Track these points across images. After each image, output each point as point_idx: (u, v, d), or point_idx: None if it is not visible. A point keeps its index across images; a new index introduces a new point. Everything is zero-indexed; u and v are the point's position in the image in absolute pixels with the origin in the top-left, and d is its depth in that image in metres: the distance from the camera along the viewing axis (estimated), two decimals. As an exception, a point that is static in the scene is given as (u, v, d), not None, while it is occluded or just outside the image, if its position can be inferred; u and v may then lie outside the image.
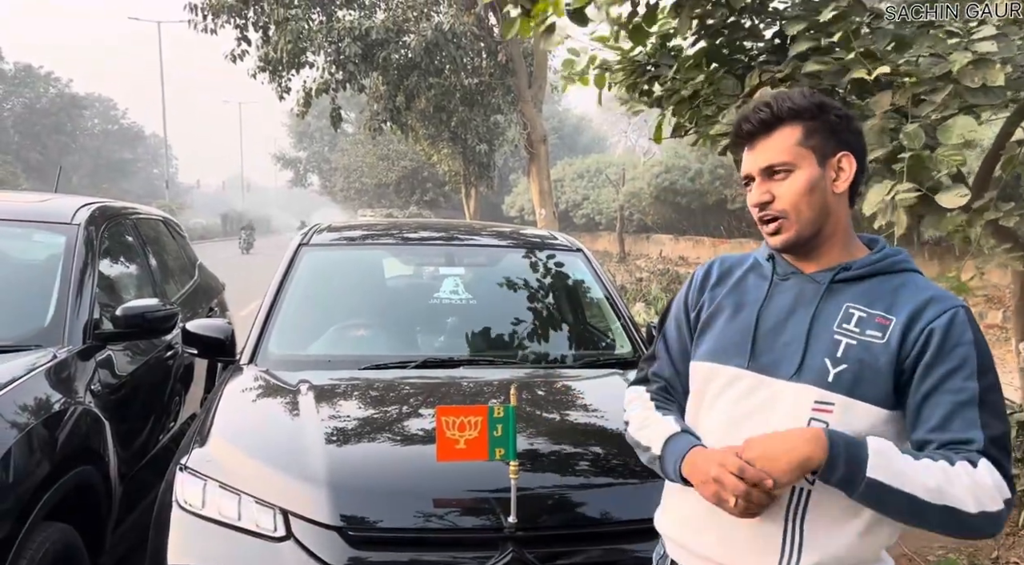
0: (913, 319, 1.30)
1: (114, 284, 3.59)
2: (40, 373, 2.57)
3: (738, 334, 1.41)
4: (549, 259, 3.55)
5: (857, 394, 1.29)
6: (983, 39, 2.46)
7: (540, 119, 15.01)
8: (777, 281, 1.42)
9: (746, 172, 1.40)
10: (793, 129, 1.35)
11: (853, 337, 1.31)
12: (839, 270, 1.37)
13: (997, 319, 10.25)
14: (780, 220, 1.35)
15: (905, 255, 1.41)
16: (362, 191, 38.62)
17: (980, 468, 1.21)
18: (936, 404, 1.26)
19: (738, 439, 1.31)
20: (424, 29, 12.82)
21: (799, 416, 1.31)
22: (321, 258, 3.47)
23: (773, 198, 1.35)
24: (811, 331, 1.34)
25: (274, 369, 2.81)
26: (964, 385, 1.25)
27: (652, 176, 22.54)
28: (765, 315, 1.40)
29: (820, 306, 1.36)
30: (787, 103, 1.35)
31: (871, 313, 1.33)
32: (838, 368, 1.30)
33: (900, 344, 1.29)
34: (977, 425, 1.23)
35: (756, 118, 1.36)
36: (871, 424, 1.29)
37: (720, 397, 1.41)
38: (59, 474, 2.37)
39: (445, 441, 1.84)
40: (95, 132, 54.97)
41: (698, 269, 1.57)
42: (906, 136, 2.47)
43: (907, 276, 1.37)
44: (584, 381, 2.92)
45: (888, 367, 1.29)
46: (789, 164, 1.34)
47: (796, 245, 1.37)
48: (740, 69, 3.07)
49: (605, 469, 2.21)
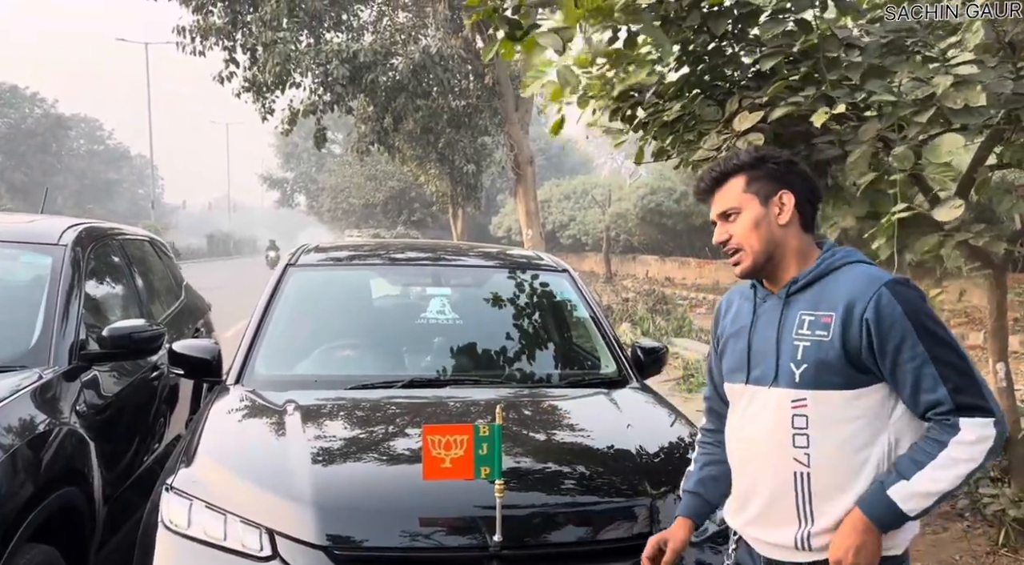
0: (848, 313, 1.54)
1: (100, 304, 3.59)
2: (25, 394, 2.56)
3: (739, 356, 1.71)
4: (535, 279, 3.59)
5: (820, 385, 1.56)
6: (962, 63, 2.53)
7: (527, 141, 15.12)
8: (760, 304, 1.70)
9: (712, 218, 1.71)
10: (738, 179, 1.66)
11: (807, 339, 1.58)
12: (790, 284, 1.64)
13: (978, 340, 10.36)
14: (739, 253, 1.65)
15: (843, 253, 1.64)
16: (349, 211, 38.60)
17: (962, 431, 1.48)
18: (902, 373, 1.52)
19: (752, 441, 1.66)
20: (412, 52, 12.92)
21: (784, 414, 1.60)
22: (308, 278, 3.49)
23: (730, 236, 1.66)
24: (779, 343, 1.62)
25: (261, 389, 2.82)
26: (913, 352, 1.50)
27: (638, 197, 22.71)
28: (754, 336, 1.69)
29: (782, 319, 1.63)
30: (732, 161, 1.68)
31: (817, 314, 1.59)
32: (800, 368, 1.58)
33: (843, 336, 1.54)
34: (938, 381, 1.49)
35: (709, 178, 1.69)
36: (840, 406, 1.56)
37: (735, 409, 1.74)
38: (43, 495, 2.36)
39: (431, 460, 1.86)
40: (81, 152, 54.77)
41: (720, 301, 1.90)
42: (895, 158, 2.53)
43: (846, 270, 1.61)
44: (570, 400, 2.94)
45: (838, 357, 1.54)
46: (736, 208, 1.65)
47: (754, 271, 1.66)
48: (720, 95, 3.13)
49: (590, 488, 2.23)
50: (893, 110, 2.60)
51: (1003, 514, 3.53)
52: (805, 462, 1.58)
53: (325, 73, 12.55)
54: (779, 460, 1.61)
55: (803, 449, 1.58)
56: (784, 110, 2.66)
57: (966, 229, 2.54)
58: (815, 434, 1.57)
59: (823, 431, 1.57)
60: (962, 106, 2.46)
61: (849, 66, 2.68)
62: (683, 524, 1.86)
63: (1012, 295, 9.93)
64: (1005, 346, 3.51)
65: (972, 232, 2.52)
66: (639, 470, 2.30)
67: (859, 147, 2.62)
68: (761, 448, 1.65)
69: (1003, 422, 1.51)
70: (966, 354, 1.55)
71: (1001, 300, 3.40)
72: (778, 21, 2.82)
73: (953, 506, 4.06)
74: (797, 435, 1.58)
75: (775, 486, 1.62)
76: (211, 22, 13.10)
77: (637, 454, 2.37)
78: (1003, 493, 3.54)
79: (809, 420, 1.57)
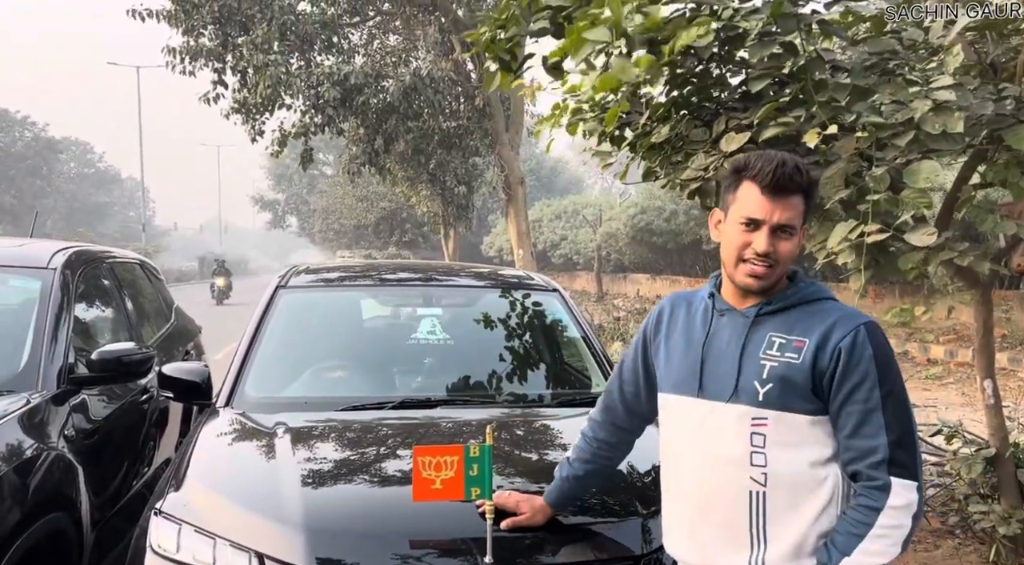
0: (823, 340, 1.54)
1: (90, 328, 3.58)
2: (13, 419, 2.55)
3: (689, 368, 1.67)
4: (526, 299, 3.60)
5: (784, 407, 1.55)
6: (941, 88, 2.57)
7: (517, 161, 15.20)
8: (716, 317, 1.68)
9: (760, 217, 1.55)
10: (800, 200, 1.57)
11: (775, 360, 1.57)
12: (762, 305, 1.62)
13: (967, 357, 10.41)
14: (770, 269, 1.57)
15: (818, 286, 1.66)
16: (341, 232, 38.62)
17: (892, 495, 1.49)
18: (849, 413, 1.53)
19: (703, 456, 1.62)
20: (402, 74, 13.01)
21: (743, 431, 1.58)
22: (299, 300, 3.49)
23: (774, 251, 1.56)
24: (742, 359, 1.60)
25: (251, 412, 2.81)
26: (869, 395, 1.51)
27: (628, 217, 22.80)
28: (708, 350, 1.65)
29: (748, 337, 1.61)
30: (808, 176, 1.57)
31: (789, 338, 1.58)
32: (765, 388, 1.56)
33: (814, 362, 1.54)
34: (882, 429, 1.50)
35: (797, 182, 1.55)
36: (800, 429, 1.56)
37: (684, 422, 1.68)
38: (30, 521, 2.34)
39: (421, 481, 1.86)
40: (71, 175, 54.70)
41: (655, 307, 1.85)
42: (872, 179, 2.56)
43: (821, 304, 1.62)
44: (561, 420, 2.94)
45: (806, 382, 1.54)
46: (794, 228, 1.57)
47: (763, 289, 1.61)
48: (708, 116, 3.16)
49: (581, 508, 2.23)
50: (875, 131, 2.64)
51: (993, 531, 3.54)
52: (762, 481, 1.56)
53: (316, 95, 12.61)
54: (735, 478, 1.59)
55: (760, 467, 1.56)
56: (773, 131, 2.69)
57: (950, 248, 2.56)
58: (773, 453, 1.55)
59: (781, 451, 1.55)
60: (940, 132, 2.50)
61: (836, 87, 2.72)
62: (546, 509, 1.98)
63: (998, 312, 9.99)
64: (992, 363, 3.54)
65: (956, 251, 2.55)
66: (630, 490, 2.30)
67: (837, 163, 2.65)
68: (717, 464, 1.61)
69: (923, 489, 1.52)
70: (913, 415, 1.57)
71: (987, 318, 3.42)
72: (764, 44, 2.86)
73: (944, 523, 4.06)
74: (755, 453, 1.56)
75: (730, 507, 1.59)
76: (202, 44, 13.17)
77: (628, 473, 2.37)
78: (993, 510, 3.54)
79: (767, 440, 1.56)
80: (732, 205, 1.60)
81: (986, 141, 2.79)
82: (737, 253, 1.58)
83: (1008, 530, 3.44)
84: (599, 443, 1.96)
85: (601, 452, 1.97)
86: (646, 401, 1.88)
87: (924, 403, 7.87)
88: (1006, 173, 2.73)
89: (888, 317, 2.85)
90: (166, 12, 12.97)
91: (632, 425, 1.96)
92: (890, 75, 2.86)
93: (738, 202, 1.59)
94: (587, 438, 1.99)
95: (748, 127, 2.93)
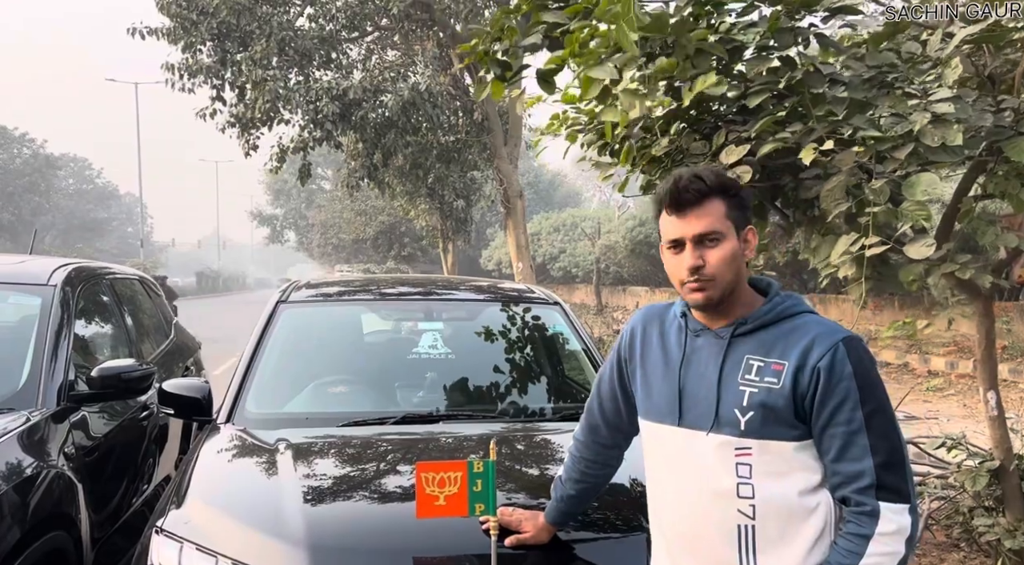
0: (802, 361, 1.47)
1: (90, 344, 3.57)
2: (12, 437, 2.54)
3: (668, 397, 1.60)
4: (527, 313, 3.59)
5: (766, 435, 1.48)
6: (940, 101, 2.58)
7: (516, 175, 15.23)
8: (691, 337, 1.60)
9: (676, 237, 1.54)
10: (718, 202, 1.52)
11: (755, 385, 1.49)
12: (737, 325, 1.55)
13: (968, 369, 10.40)
14: (707, 282, 1.51)
15: (794, 300, 1.58)
16: (339, 247, 38.65)
17: (882, 522, 1.41)
18: (832, 436, 1.45)
19: (686, 489, 1.55)
20: (401, 89, 13.05)
21: (727, 462, 1.50)
22: (299, 315, 3.48)
23: (704, 263, 1.51)
24: (720, 386, 1.52)
25: (252, 428, 2.79)
26: (851, 416, 1.44)
27: (627, 230, 22.85)
28: (685, 376, 1.58)
29: (725, 360, 1.54)
30: (713, 178, 1.52)
31: (767, 361, 1.50)
32: (746, 416, 1.49)
33: (794, 386, 1.47)
34: (867, 451, 1.43)
35: (694, 189, 1.51)
36: (785, 456, 1.49)
37: (662, 451, 1.63)
38: (30, 540, 2.33)
39: (425, 497, 1.85)
40: (69, 191, 54.74)
41: (627, 324, 1.78)
42: (872, 192, 2.56)
43: (799, 319, 1.54)
44: (563, 434, 2.92)
45: (787, 407, 1.47)
46: (719, 233, 1.51)
47: (713, 304, 1.54)
48: (707, 129, 3.17)
49: (585, 523, 2.21)
50: (874, 144, 2.65)
51: (999, 544, 3.52)
52: (750, 514, 1.48)
53: (315, 110, 12.66)
54: (722, 512, 1.51)
55: (748, 500, 1.48)
56: (771, 146, 2.70)
57: (952, 260, 2.56)
58: (760, 484, 1.48)
59: (768, 481, 1.48)
60: (939, 144, 2.50)
61: (833, 101, 2.73)
62: (549, 529, 1.96)
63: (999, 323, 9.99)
64: (995, 375, 3.53)
65: (958, 263, 2.55)
66: (634, 504, 2.28)
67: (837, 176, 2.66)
68: (702, 498, 1.54)
69: (917, 510, 1.44)
70: (901, 431, 1.49)
71: (990, 329, 3.42)
72: (762, 58, 2.87)
73: (948, 536, 4.04)
74: (742, 484, 1.49)
75: (717, 542, 1.52)
76: (200, 60, 13.23)
77: (631, 488, 2.35)
78: (998, 523, 3.52)
79: (753, 470, 1.48)
80: (661, 235, 1.60)
81: (985, 153, 2.80)
82: (676, 276, 1.55)
83: (1014, 543, 3.42)
84: (587, 462, 1.92)
85: (590, 471, 1.93)
86: (627, 418, 1.82)
87: (925, 415, 7.86)
88: (1006, 185, 2.74)
89: (889, 332, 2.85)
90: (165, 30, 13.04)
91: (617, 441, 1.91)
92: (888, 88, 2.88)
93: (661, 230, 1.58)
94: (574, 458, 1.95)
95: (748, 140, 2.94)
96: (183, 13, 12.69)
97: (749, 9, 2.89)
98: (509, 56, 2.97)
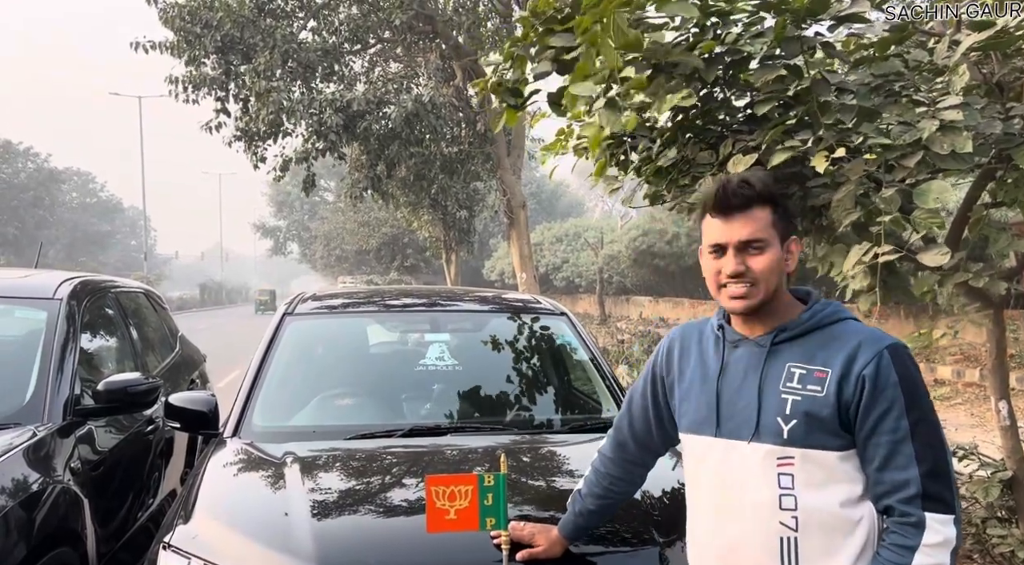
0: (847, 369, 1.45)
1: (95, 358, 3.56)
2: (18, 453, 2.52)
3: (705, 407, 1.59)
4: (534, 323, 3.57)
5: (810, 444, 1.46)
6: (948, 108, 2.56)
7: (519, 185, 15.25)
8: (729, 349, 1.59)
9: (720, 241, 1.53)
10: (765, 210, 1.52)
11: (797, 394, 1.47)
12: (777, 332, 1.54)
13: (975, 377, 10.35)
14: (751, 288, 1.50)
15: (835, 307, 1.57)
16: (342, 258, 38.68)
17: (927, 533, 1.39)
18: (877, 444, 1.43)
19: (726, 500, 1.53)
20: (404, 100, 13.09)
21: (768, 472, 1.48)
22: (305, 327, 3.47)
23: (746, 269, 1.50)
24: (761, 394, 1.51)
25: (258, 441, 2.77)
26: (897, 424, 1.42)
27: (630, 239, 22.85)
28: (723, 386, 1.57)
29: (766, 369, 1.52)
30: (761, 185, 1.52)
31: (810, 369, 1.48)
32: (789, 424, 1.47)
33: (838, 394, 1.45)
34: (913, 460, 1.41)
35: (741, 194, 1.50)
36: (828, 466, 1.46)
37: (703, 464, 1.60)
38: (36, 557, 2.31)
39: (435, 511, 1.83)
40: (73, 205, 54.92)
41: (664, 340, 1.79)
42: (882, 200, 2.55)
43: (840, 326, 1.53)
44: (572, 446, 2.91)
45: (832, 416, 1.45)
46: (764, 241, 1.50)
47: (751, 311, 1.53)
48: (713, 139, 3.16)
49: (596, 537, 2.19)
50: (883, 152, 2.63)
51: (1012, 556, 3.48)
52: (792, 526, 1.46)
53: (319, 121, 12.70)
54: (764, 524, 1.49)
55: (790, 511, 1.46)
56: (782, 156, 2.69)
57: (964, 269, 2.54)
58: (803, 495, 1.46)
59: (811, 491, 1.46)
60: (949, 152, 2.49)
61: (842, 109, 2.72)
62: (563, 543, 1.93)
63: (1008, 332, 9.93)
64: (1006, 384, 3.50)
65: (971, 272, 2.53)
66: (645, 517, 2.26)
67: (847, 185, 2.65)
68: (743, 510, 1.51)
69: (960, 521, 1.42)
70: (946, 440, 1.47)
71: (1000, 338, 3.39)
72: (769, 67, 2.87)
73: (962, 548, 4.00)
74: (784, 496, 1.47)
75: (758, 554, 1.49)
76: (204, 73, 13.28)
77: (642, 500, 2.33)
78: (1012, 534, 3.49)
79: (796, 480, 1.46)
80: (702, 238, 1.60)
81: (995, 160, 2.78)
82: (715, 281, 1.55)
83: (1027, 554, 3.38)
84: (611, 479, 1.91)
85: (614, 487, 1.92)
86: (658, 436, 1.82)
87: (933, 424, 7.79)
88: (1016, 192, 2.72)
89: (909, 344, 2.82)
90: (169, 43, 13.11)
91: (644, 459, 1.91)
92: (896, 96, 2.87)
93: (703, 233, 1.58)
94: (599, 473, 1.94)
95: (755, 149, 2.93)
96: (187, 27, 12.76)
97: (756, 20, 2.88)
98: (519, 85, 2.97)
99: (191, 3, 12.78)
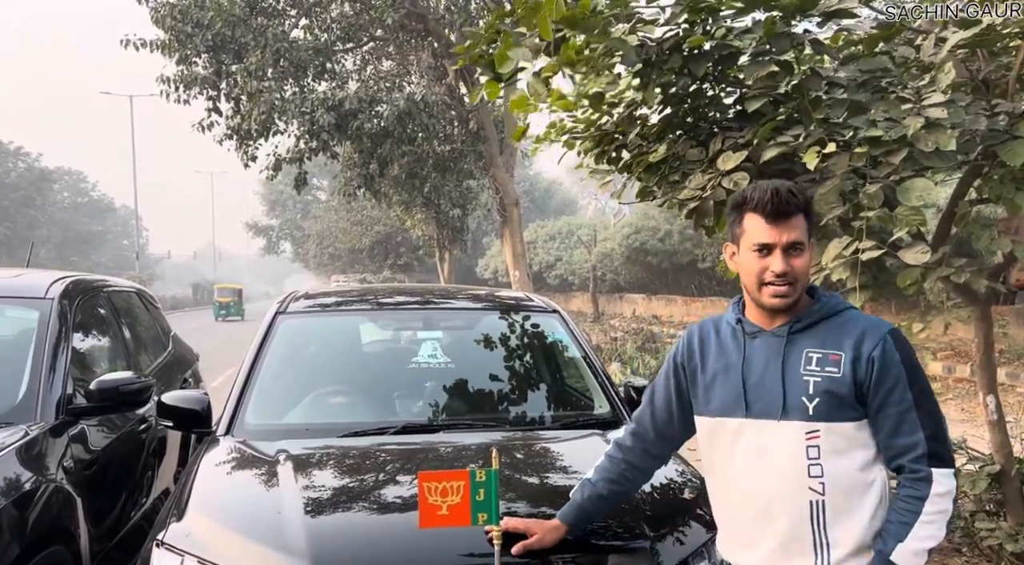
0: (857, 352, 1.68)
1: (88, 357, 3.56)
2: (11, 452, 2.52)
3: (733, 392, 1.77)
4: (526, 321, 3.59)
5: (833, 418, 1.68)
6: (933, 105, 2.59)
7: (512, 183, 15.27)
8: (748, 341, 1.78)
9: (769, 241, 1.69)
10: (804, 218, 1.72)
11: (817, 375, 1.69)
12: (793, 323, 1.74)
13: (965, 373, 10.41)
14: (790, 286, 1.69)
15: (837, 299, 1.79)
16: (335, 256, 38.63)
17: (935, 484, 1.64)
18: (887, 416, 1.67)
19: (760, 472, 1.72)
20: (396, 99, 13.08)
21: (798, 445, 1.69)
22: (298, 326, 3.47)
23: (791, 269, 1.69)
24: (785, 378, 1.71)
25: (251, 440, 2.78)
26: (902, 397, 1.66)
27: (623, 237, 22.89)
28: (747, 372, 1.76)
29: (786, 355, 1.73)
30: (802, 197, 1.73)
31: (825, 353, 1.71)
32: (814, 402, 1.68)
33: (854, 373, 1.67)
34: (918, 426, 1.66)
35: (794, 202, 1.70)
36: (847, 436, 1.68)
37: (735, 444, 1.77)
38: (29, 556, 2.31)
39: (427, 507, 1.84)
40: (64, 205, 54.65)
41: (684, 335, 1.95)
42: (866, 196, 2.57)
43: (846, 315, 1.76)
44: (564, 443, 2.92)
45: (849, 392, 1.67)
46: (803, 244, 1.71)
47: (787, 306, 1.72)
48: (703, 135, 3.18)
49: (588, 531, 2.21)
50: (871, 147, 2.65)
51: (1000, 549, 3.52)
52: (820, 490, 1.67)
53: (311, 121, 12.68)
54: (795, 490, 1.69)
55: (818, 478, 1.67)
56: (773, 152, 2.71)
57: (948, 264, 2.57)
58: (828, 463, 1.67)
59: (835, 459, 1.67)
60: (933, 149, 2.52)
61: (833, 103, 2.74)
62: (559, 529, 2.00)
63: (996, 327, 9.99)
64: (994, 379, 3.53)
65: (953, 267, 2.55)
66: (636, 512, 2.28)
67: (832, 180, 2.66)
68: (775, 481, 1.71)
69: (958, 473, 1.72)
70: (939, 406, 1.72)
71: (988, 333, 3.42)
72: (760, 63, 2.89)
73: (950, 541, 4.04)
74: (812, 465, 1.68)
75: (792, 517, 1.69)
76: (195, 72, 13.24)
77: (634, 497, 2.35)
78: (1000, 527, 3.52)
79: (821, 450, 1.67)
80: (742, 237, 1.74)
81: (980, 157, 2.81)
82: (757, 278, 1.71)
83: (1015, 547, 3.42)
84: (627, 465, 2.02)
85: (628, 474, 2.02)
86: (679, 427, 1.95)
87: (924, 419, 7.84)
88: (1001, 189, 2.75)
89: None
90: (160, 42, 13.07)
91: (661, 450, 2.04)
92: (883, 93, 2.89)
93: (747, 233, 1.73)
94: (615, 459, 2.03)
95: (745, 145, 2.95)
96: (178, 26, 12.72)
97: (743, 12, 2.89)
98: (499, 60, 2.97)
99: (182, 2, 12.74)
